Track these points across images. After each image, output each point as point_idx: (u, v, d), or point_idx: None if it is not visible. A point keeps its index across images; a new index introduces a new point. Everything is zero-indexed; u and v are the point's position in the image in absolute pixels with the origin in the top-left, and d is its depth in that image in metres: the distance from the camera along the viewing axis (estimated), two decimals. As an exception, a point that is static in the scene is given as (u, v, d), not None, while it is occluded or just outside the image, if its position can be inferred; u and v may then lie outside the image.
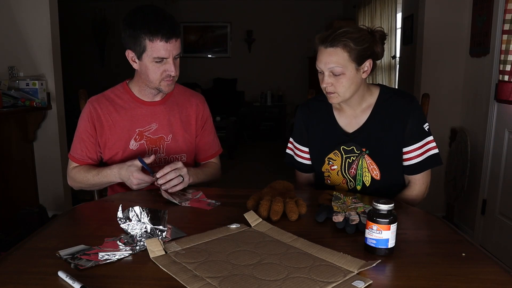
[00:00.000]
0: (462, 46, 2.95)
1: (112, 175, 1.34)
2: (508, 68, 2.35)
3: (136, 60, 1.37)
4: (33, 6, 2.94)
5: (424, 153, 1.35)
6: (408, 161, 1.37)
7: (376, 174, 1.37)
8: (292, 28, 6.98)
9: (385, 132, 1.36)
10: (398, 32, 4.03)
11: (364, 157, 1.38)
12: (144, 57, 1.33)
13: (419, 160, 1.35)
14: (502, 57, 2.38)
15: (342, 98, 1.33)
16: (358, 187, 1.39)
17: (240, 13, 7.10)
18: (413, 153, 1.35)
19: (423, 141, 1.35)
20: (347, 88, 1.30)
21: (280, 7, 7.04)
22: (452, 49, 2.99)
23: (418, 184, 1.38)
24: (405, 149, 1.37)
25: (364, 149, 1.37)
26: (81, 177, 1.42)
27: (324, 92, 1.35)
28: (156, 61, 1.33)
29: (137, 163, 1.29)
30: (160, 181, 1.26)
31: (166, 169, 1.27)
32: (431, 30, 3.01)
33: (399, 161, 1.38)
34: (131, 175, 1.27)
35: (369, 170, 1.37)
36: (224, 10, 7.11)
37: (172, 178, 1.27)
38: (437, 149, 1.36)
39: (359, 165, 1.38)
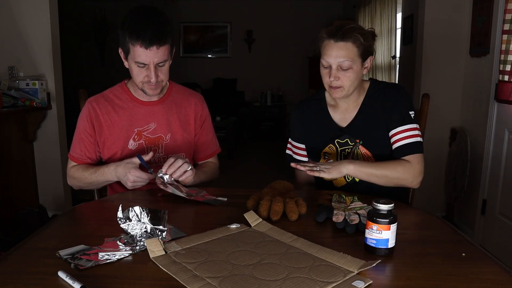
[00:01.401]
0: (462, 46, 2.95)
1: (109, 172, 1.34)
2: (508, 68, 2.35)
3: (125, 60, 1.38)
4: (33, 6, 2.94)
5: (410, 138, 1.34)
6: (396, 144, 1.36)
7: None
8: (292, 28, 6.98)
9: (376, 122, 1.38)
10: (398, 32, 4.03)
11: (358, 148, 1.40)
12: (129, 58, 1.34)
13: (405, 142, 1.34)
14: (502, 57, 2.38)
15: (346, 92, 1.35)
16: (357, 179, 1.40)
17: (240, 13, 7.10)
18: (398, 136, 1.35)
19: (407, 125, 1.35)
20: (352, 82, 1.32)
21: (280, 7, 7.04)
22: (452, 49, 2.99)
23: (413, 162, 1.33)
24: (391, 133, 1.37)
25: (358, 140, 1.39)
26: (79, 175, 1.42)
27: (327, 87, 1.37)
28: (138, 65, 1.33)
29: (136, 160, 1.29)
30: (169, 171, 1.26)
31: (171, 159, 1.28)
32: (431, 30, 3.01)
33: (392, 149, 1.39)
34: (129, 172, 1.27)
35: (364, 160, 1.39)
36: (224, 10, 7.12)
37: (180, 164, 1.27)
38: (421, 138, 1.36)
39: (355, 156, 1.40)
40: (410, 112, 1.36)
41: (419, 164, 1.32)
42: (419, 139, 1.34)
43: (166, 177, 1.26)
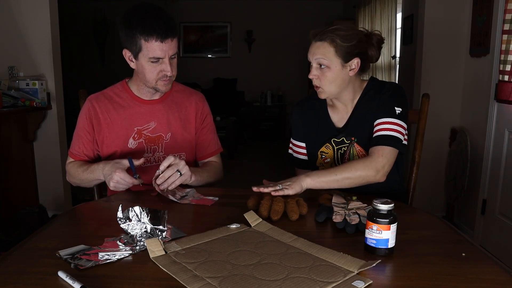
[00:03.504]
0: (462, 46, 2.95)
1: (97, 170, 1.33)
2: (508, 68, 2.35)
3: (133, 60, 1.37)
4: (33, 6, 2.94)
5: (386, 130, 1.31)
6: (374, 134, 1.33)
7: None
8: (292, 28, 6.98)
9: (368, 118, 1.38)
10: (398, 32, 4.03)
11: (353, 146, 1.40)
12: (140, 57, 1.33)
13: (380, 134, 1.31)
14: (502, 57, 2.38)
15: (328, 93, 1.37)
16: None
17: (240, 13, 7.10)
18: (377, 127, 1.33)
19: (389, 119, 1.32)
20: (331, 82, 1.34)
21: (280, 7, 7.04)
22: (452, 49, 2.99)
23: (375, 155, 1.28)
24: (374, 123, 1.35)
25: (353, 138, 1.40)
26: (74, 171, 1.43)
27: (314, 86, 1.40)
28: (152, 61, 1.33)
29: (125, 162, 1.29)
30: (158, 181, 1.24)
31: (170, 158, 1.24)
32: (431, 30, 3.02)
33: None
34: (114, 171, 1.25)
35: (359, 157, 1.39)
36: (224, 10, 7.12)
37: (170, 175, 1.24)
38: (403, 136, 1.32)
39: (351, 154, 1.41)
40: (396, 108, 1.33)
41: (382, 157, 1.27)
42: (396, 134, 1.30)
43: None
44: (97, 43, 7.15)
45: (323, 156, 1.46)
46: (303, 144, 1.53)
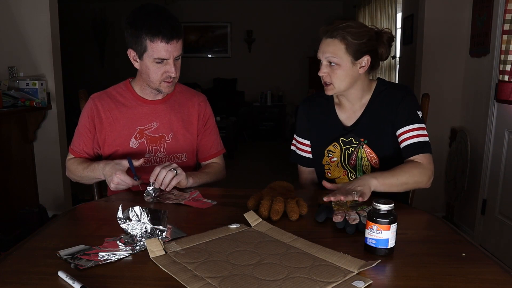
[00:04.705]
0: (462, 46, 2.95)
1: (98, 169, 1.34)
2: (508, 68, 2.35)
3: (138, 60, 1.37)
4: (33, 6, 2.94)
5: (418, 137, 1.33)
6: (404, 142, 1.35)
7: (375, 163, 1.39)
8: (292, 28, 6.99)
9: (381, 121, 1.38)
10: (398, 32, 4.03)
11: (362, 147, 1.40)
12: (145, 57, 1.34)
13: (414, 141, 1.33)
14: (502, 57, 2.38)
15: (337, 90, 1.37)
16: None
17: (240, 13, 7.11)
18: (406, 135, 1.34)
19: (415, 125, 1.34)
20: (342, 79, 1.34)
21: (280, 7, 7.05)
22: (452, 49, 2.99)
23: (425, 162, 1.32)
24: (399, 131, 1.36)
25: (362, 139, 1.40)
26: (74, 168, 1.44)
27: (322, 82, 1.39)
28: (157, 61, 1.33)
29: (125, 163, 1.29)
30: (156, 184, 1.23)
31: (156, 169, 1.24)
32: (431, 30, 3.02)
33: (397, 149, 1.39)
34: (115, 173, 1.25)
35: (368, 159, 1.40)
36: (224, 10, 7.12)
37: (164, 175, 1.23)
38: (428, 138, 1.35)
39: (359, 155, 1.40)
40: (418, 112, 1.36)
41: (430, 164, 1.31)
42: (427, 139, 1.34)
43: (150, 189, 1.24)
44: (97, 43, 7.15)
45: (329, 155, 1.45)
46: (307, 142, 1.53)
